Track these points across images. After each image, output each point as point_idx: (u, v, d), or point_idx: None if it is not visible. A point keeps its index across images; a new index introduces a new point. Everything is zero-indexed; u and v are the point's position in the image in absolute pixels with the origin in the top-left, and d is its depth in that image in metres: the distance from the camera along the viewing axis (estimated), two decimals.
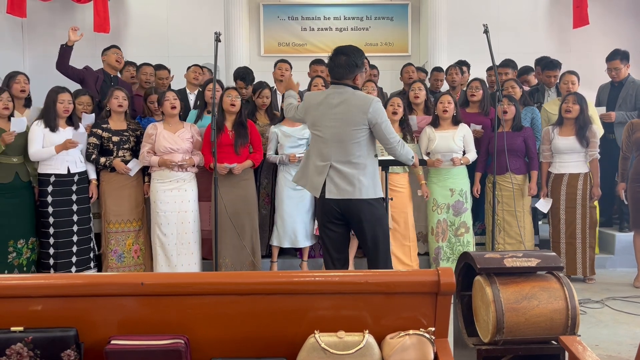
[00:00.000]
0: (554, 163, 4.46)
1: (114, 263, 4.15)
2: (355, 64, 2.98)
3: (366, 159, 2.98)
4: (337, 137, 2.95)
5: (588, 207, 4.37)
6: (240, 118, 4.19)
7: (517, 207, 4.39)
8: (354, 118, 2.93)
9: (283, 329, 1.70)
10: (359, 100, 2.96)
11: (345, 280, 1.73)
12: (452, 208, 4.35)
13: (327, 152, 2.98)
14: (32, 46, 6.89)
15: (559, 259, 2.26)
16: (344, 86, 2.99)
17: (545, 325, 2.10)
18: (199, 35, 6.44)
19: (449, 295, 1.70)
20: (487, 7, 6.69)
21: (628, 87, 5.00)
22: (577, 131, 4.32)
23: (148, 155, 4.08)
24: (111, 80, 4.80)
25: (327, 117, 2.98)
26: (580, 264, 4.39)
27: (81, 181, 4.07)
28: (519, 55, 5.66)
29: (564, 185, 4.40)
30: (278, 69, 5.05)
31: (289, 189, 4.29)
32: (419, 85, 4.58)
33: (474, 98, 4.68)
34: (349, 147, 2.94)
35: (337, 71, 2.99)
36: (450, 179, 4.34)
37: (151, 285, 1.68)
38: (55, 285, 1.69)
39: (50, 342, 1.59)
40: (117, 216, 4.15)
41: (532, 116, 4.76)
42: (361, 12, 7.07)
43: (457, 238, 4.36)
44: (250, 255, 4.20)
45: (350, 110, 2.93)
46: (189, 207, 4.13)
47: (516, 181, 4.41)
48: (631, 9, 6.83)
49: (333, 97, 2.99)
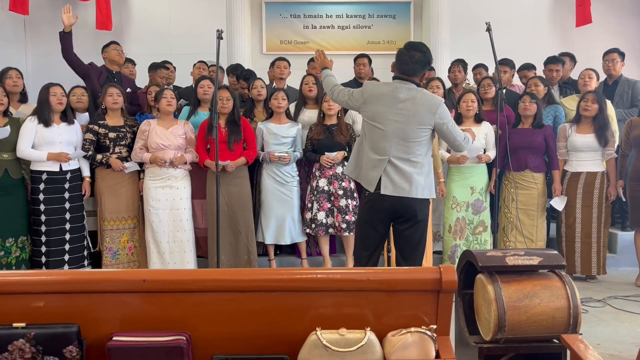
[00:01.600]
0: (570, 161, 4.42)
1: (109, 260, 4.14)
2: (429, 61, 2.96)
3: (424, 157, 2.94)
4: (400, 133, 2.89)
5: (604, 206, 4.34)
6: (234, 115, 4.18)
7: (533, 206, 4.37)
8: (420, 117, 2.89)
9: (285, 326, 1.70)
10: (428, 100, 2.92)
11: (347, 278, 1.73)
12: (471, 206, 4.34)
13: (386, 146, 2.90)
14: (34, 44, 6.89)
15: (561, 257, 2.26)
16: (411, 83, 2.94)
17: (547, 323, 2.10)
18: (200, 33, 6.44)
19: (451, 293, 1.70)
20: (489, 5, 6.67)
21: (623, 85, 5.03)
22: (597, 130, 4.27)
23: (140, 152, 4.08)
24: (113, 77, 4.80)
25: (392, 111, 2.90)
26: (595, 264, 4.37)
27: (74, 179, 4.04)
28: (522, 53, 5.66)
29: (580, 184, 4.36)
30: (277, 67, 5.04)
31: (272, 186, 4.31)
32: (436, 83, 4.51)
33: (487, 95, 4.67)
34: (411, 145, 2.89)
35: (411, 67, 2.92)
36: (472, 177, 4.33)
37: (153, 282, 1.68)
38: (57, 282, 1.70)
39: (52, 338, 1.59)
40: (113, 213, 4.13)
41: (555, 114, 4.74)
42: (363, 10, 7.06)
43: (474, 236, 4.35)
44: (246, 253, 4.20)
45: (418, 109, 2.88)
46: (181, 205, 4.11)
47: (534, 179, 4.38)
48: (634, 7, 6.82)
49: (400, 92, 2.92)
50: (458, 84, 5.24)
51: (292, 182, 4.37)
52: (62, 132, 3.94)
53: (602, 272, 4.38)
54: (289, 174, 4.35)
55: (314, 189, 4.32)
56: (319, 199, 4.28)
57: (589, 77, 4.75)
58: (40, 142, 3.87)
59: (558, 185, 4.41)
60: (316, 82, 4.47)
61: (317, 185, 4.30)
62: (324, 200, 4.28)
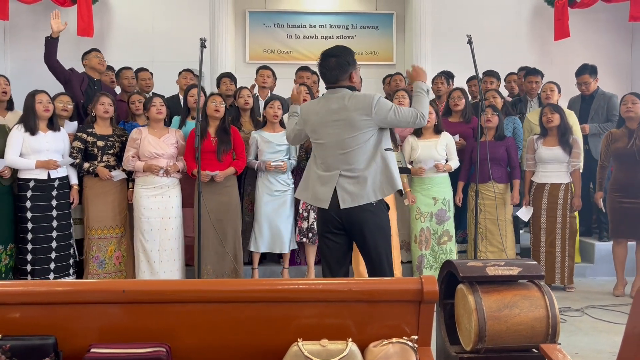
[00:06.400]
0: (536, 172, 4.52)
1: (95, 269, 4.09)
2: (347, 62, 2.83)
3: (373, 159, 2.81)
4: (340, 144, 2.80)
5: (568, 217, 4.43)
6: (224, 124, 4.17)
7: (499, 215, 4.44)
8: (356, 122, 2.78)
9: (266, 337, 1.69)
10: (359, 102, 2.79)
11: (329, 289, 1.73)
12: (435, 216, 4.38)
13: (332, 160, 2.83)
14: (14, 49, 6.79)
15: (540, 268, 2.29)
16: (340, 89, 2.84)
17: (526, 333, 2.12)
18: (184, 41, 6.41)
19: (432, 303, 1.71)
20: (471, 18, 6.77)
21: (599, 99, 5.13)
22: (560, 139, 4.38)
23: (132, 160, 4.04)
24: (94, 84, 4.76)
25: (327, 123, 2.83)
26: (559, 273, 4.44)
27: (62, 186, 4.00)
28: (502, 65, 5.75)
29: (545, 195, 4.45)
30: (260, 75, 5.05)
31: (267, 195, 4.29)
32: (402, 93, 4.61)
33: (457, 108, 4.74)
34: (352, 154, 2.79)
35: (331, 74, 2.84)
36: (434, 188, 4.38)
37: (133, 292, 1.66)
38: (34, 293, 1.67)
39: (28, 350, 1.56)
40: (100, 222, 4.08)
41: (513, 126, 4.83)
42: (347, 20, 7.12)
43: (440, 246, 4.39)
44: (233, 263, 4.17)
45: (351, 115, 2.78)
46: (172, 214, 4.09)
47: (498, 190, 4.46)
48: (611, 22, 6.98)
49: (331, 102, 2.84)
50: (441, 96, 5.29)
51: (287, 190, 4.36)
52: (49, 140, 3.89)
53: (567, 281, 4.45)
54: (284, 182, 4.34)
55: None
56: (314, 207, 4.28)
57: (550, 90, 4.85)
58: (27, 150, 3.83)
59: (516, 194, 4.52)
60: (309, 92, 4.49)
61: None
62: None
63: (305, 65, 5.41)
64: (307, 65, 5.45)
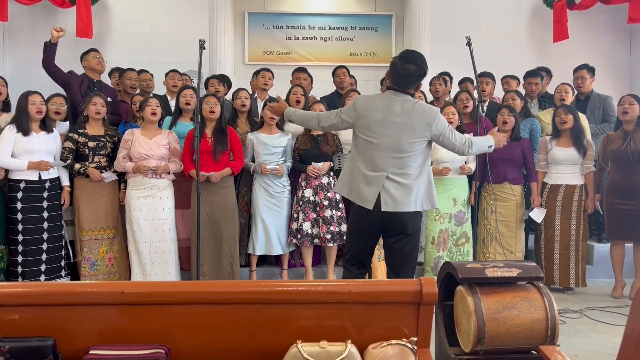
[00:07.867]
0: (549, 173, 4.48)
1: (87, 271, 4.07)
2: (424, 73, 2.86)
3: (422, 168, 2.87)
4: (395, 146, 2.82)
5: (582, 219, 4.41)
6: (221, 124, 4.16)
7: (512, 217, 4.41)
8: (416, 129, 2.82)
9: (265, 339, 1.69)
10: (425, 112, 2.84)
11: (328, 290, 1.73)
12: (454, 218, 4.37)
13: (382, 161, 2.83)
14: (13, 50, 6.79)
15: (540, 270, 2.29)
16: (405, 94, 2.86)
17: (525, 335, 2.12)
18: (183, 42, 6.40)
19: (431, 305, 1.71)
20: (469, 20, 6.78)
21: (594, 100, 5.14)
22: (574, 140, 4.36)
23: (124, 161, 4.03)
24: (94, 85, 4.75)
25: (387, 124, 2.82)
26: (574, 275, 4.42)
27: (53, 187, 3.97)
28: (501, 67, 5.75)
29: (560, 196, 4.42)
30: (261, 77, 5.05)
31: (264, 197, 4.29)
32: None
33: (467, 110, 4.73)
34: (406, 159, 2.82)
35: (406, 80, 2.83)
36: (455, 189, 4.36)
37: (131, 294, 1.66)
38: (33, 294, 1.66)
39: (27, 352, 1.56)
40: (91, 223, 4.06)
41: (531, 127, 4.82)
42: (346, 22, 7.12)
43: (457, 248, 4.38)
44: (230, 264, 4.16)
45: (414, 122, 2.81)
46: (164, 215, 4.06)
47: (512, 191, 4.44)
48: (609, 24, 7.00)
49: (395, 104, 2.84)
50: (440, 98, 5.29)
51: (284, 192, 4.35)
52: (41, 141, 3.88)
53: (581, 284, 4.43)
54: (280, 185, 4.34)
55: (299, 199, 4.31)
56: (304, 209, 4.27)
57: (565, 92, 4.85)
58: (19, 151, 3.81)
59: (537, 196, 4.47)
60: (304, 93, 4.48)
61: (302, 195, 4.30)
62: (309, 211, 4.27)
63: (302, 67, 5.41)
64: (304, 67, 5.46)
